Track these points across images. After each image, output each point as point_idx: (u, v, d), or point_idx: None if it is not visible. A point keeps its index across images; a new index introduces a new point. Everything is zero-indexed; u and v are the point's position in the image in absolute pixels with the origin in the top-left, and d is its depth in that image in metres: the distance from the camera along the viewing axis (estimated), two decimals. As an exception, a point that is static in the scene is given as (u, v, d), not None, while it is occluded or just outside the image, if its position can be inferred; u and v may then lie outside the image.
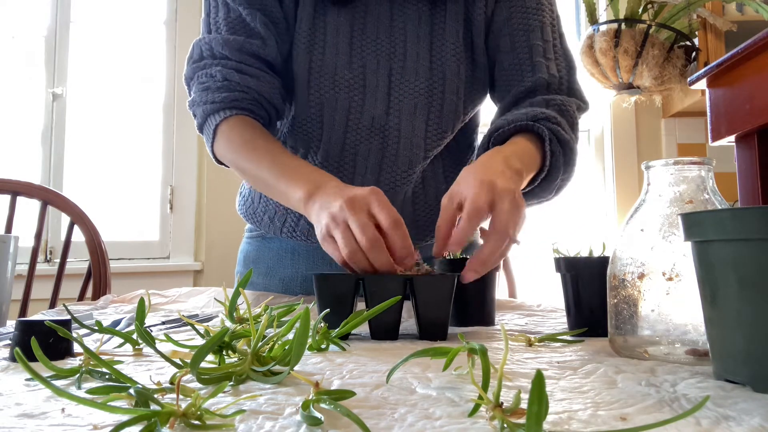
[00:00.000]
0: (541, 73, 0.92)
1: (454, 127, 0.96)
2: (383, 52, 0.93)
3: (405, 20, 0.94)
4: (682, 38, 2.08)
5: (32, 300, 1.29)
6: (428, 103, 0.93)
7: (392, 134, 0.93)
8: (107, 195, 2.31)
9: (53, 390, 0.31)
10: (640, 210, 0.52)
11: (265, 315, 0.53)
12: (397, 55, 0.93)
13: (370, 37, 0.93)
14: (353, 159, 0.95)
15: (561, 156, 0.85)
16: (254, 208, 1.04)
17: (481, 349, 0.34)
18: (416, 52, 0.93)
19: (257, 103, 0.89)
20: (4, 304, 0.76)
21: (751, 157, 1.30)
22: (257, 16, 0.90)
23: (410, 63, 0.93)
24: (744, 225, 0.37)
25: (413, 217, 0.97)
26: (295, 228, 0.98)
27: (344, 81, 0.92)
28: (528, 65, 0.93)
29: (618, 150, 2.50)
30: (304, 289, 1.01)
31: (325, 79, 0.92)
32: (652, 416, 0.33)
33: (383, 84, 0.93)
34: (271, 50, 0.90)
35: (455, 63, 0.93)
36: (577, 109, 0.92)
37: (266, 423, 0.31)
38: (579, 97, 0.95)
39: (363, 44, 0.93)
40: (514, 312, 0.84)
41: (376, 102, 0.93)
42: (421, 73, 0.93)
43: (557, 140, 0.84)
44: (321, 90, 0.92)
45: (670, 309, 0.48)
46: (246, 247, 1.09)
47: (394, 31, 0.93)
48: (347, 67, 0.92)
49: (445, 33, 0.94)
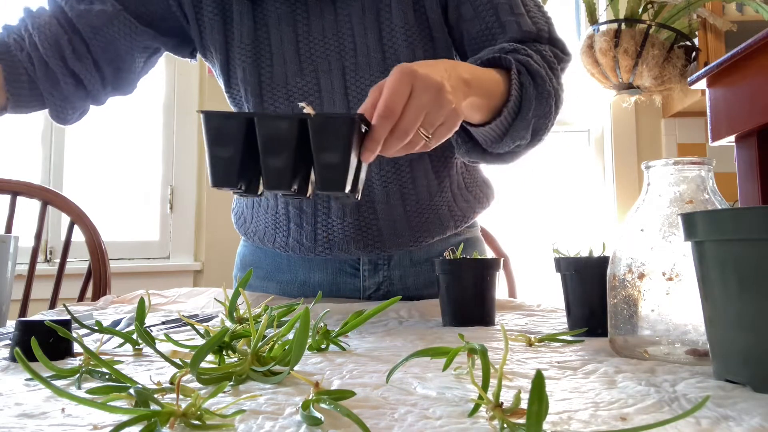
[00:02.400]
0: (512, 32, 0.85)
1: None
2: (332, 51, 0.89)
3: (349, 12, 0.89)
4: (682, 38, 2.08)
5: (32, 300, 1.29)
6: None
7: None
8: (107, 195, 2.31)
9: (53, 390, 0.31)
10: (640, 210, 0.52)
11: (265, 315, 0.53)
12: (347, 52, 0.89)
13: (316, 38, 0.89)
14: None
15: (532, 87, 0.77)
16: (246, 227, 1.03)
17: (481, 349, 0.34)
18: (366, 44, 0.88)
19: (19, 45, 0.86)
20: (4, 304, 0.76)
21: (751, 157, 1.30)
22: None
23: (362, 58, 0.88)
24: (744, 225, 0.37)
25: (405, 217, 0.93)
26: (286, 245, 0.96)
27: (298, 89, 0.89)
28: (497, 26, 0.86)
29: (618, 150, 2.50)
30: (302, 292, 1.00)
31: (277, 90, 0.89)
32: (652, 416, 0.33)
33: (339, 85, 0.89)
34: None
35: (409, 48, 0.88)
36: (554, 56, 0.85)
37: (266, 423, 0.31)
38: (559, 47, 0.88)
39: (311, 47, 0.89)
40: (514, 312, 0.84)
41: (334, 105, 0.89)
42: (375, 66, 0.88)
43: (527, 71, 0.77)
44: (275, 102, 0.89)
45: (670, 309, 0.48)
46: (243, 251, 1.08)
47: (340, 26, 0.89)
48: (299, 74, 0.89)
49: (392, 18, 0.88)
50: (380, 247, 0.93)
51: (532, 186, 2.49)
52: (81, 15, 0.89)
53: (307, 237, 0.94)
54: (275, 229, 0.97)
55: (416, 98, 0.61)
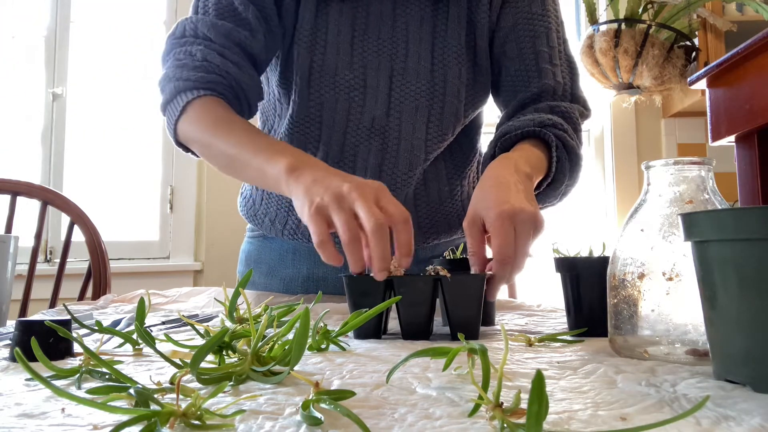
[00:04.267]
0: (548, 79, 0.92)
1: (454, 129, 0.96)
2: (385, 52, 0.93)
3: (407, 21, 0.93)
4: (682, 38, 2.08)
5: (32, 300, 1.29)
6: (429, 105, 0.93)
7: (393, 135, 0.93)
8: (107, 195, 2.31)
9: (53, 390, 0.31)
10: (640, 210, 0.52)
11: (265, 315, 0.53)
12: (398, 56, 0.93)
13: (371, 37, 0.92)
14: (353, 160, 0.94)
15: (567, 162, 0.85)
16: (255, 209, 1.03)
17: (481, 349, 0.34)
18: (418, 53, 0.93)
19: (232, 91, 0.85)
20: (4, 304, 0.76)
21: (751, 157, 1.30)
22: (250, 7, 0.87)
23: (412, 64, 0.93)
24: (744, 225, 0.37)
25: (415, 219, 0.96)
26: (296, 230, 0.98)
27: (345, 81, 0.92)
28: (534, 71, 0.93)
29: (618, 150, 2.50)
30: (305, 288, 1.01)
31: (325, 79, 0.92)
32: (652, 416, 0.33)
33: (384, 85, 0.92)
34: (258, 44, 0.87)
35: (457, 65, 0.93)
36: (580, 116, 0.92)
37: (266, 423, 0.31)
38: (582, 104, 0.95)
39: (364, 44, 0.92)
40: (514, 312, 0.84)
41: (376, 103, 0.92)
42: (423, 74, 0.93)
43: (563, 146, 0.85)
44: (321, 90, 0.92)
45: (670, 309, 0.48)
46: (247, 247, 1.09)
47: (396, 31, 0.93)
48: (348, 68, 0.92)
49: (447, 35, 0.94)
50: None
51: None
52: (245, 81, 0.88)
53: None
54: (288, 212, 0.98)
55: (522, 237, 0.67)
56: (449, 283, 0.60)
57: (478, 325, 0.61)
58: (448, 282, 0.60)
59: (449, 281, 0.60)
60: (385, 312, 0.63)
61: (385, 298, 0.61)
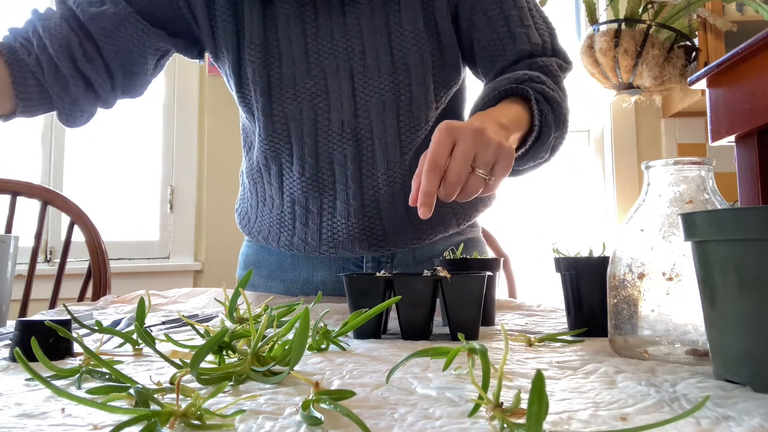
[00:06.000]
0: (522, 43, 0.89)
1: (427, 117, 0.93)
2: (341, 53, 0.90)
3: (358, 15, 0.90)
4: (682, 38, 2.08)
5: (32, 300, 1.29)
6: (396, 98, 0.90)
7: (365, 136, 0.91)
8: (107, 195, 2.31)
9: (53, 390, 0.31)
10: (640, 210, 0.52)
11: (264, 315, 0.53)
12: (356, 54, 0.90)
13: (324, 39, 0.90)
14: (330, 167, 0.92)
15: (550, 114, 0.82)
16: (250, 226, 1.03)
17: (481, 349, 0.34)
18: (375, 48, 0.90)
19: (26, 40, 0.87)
20: (4, 304, 0.76)
21: (751, 157, 1.30)
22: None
23: (371, 60, 0.90)
24: (744, 225, 0.37)
25: (407, 217, 0.94)
26: (290, 244, 0.97)
27: (306, 90, 0.90)
28: (508, 38, 0.90)
29: (618, 150, 2.50)
30: (305, 291, 1.00)
31: (285, 91, 0.90)
32: (652, 416, 0.33)
33: (347, 86, 0.90)
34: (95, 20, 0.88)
35: (418, 52, 0.90)
36: (559, 68, 0.90)
37: (266, 423, 0.31)
38: (562, 57, 0.93)
39: (319, 49, 0.90)
40: (514, 312, 0.84)
41: (342, 106, 0.90)
42: (384, 68, 0.90)
43: (544, 98, 0.82)
44: (284, 103, 0.90)
45: (670, 309, 0.48)
46: (246, 251, 1.09)
47: (349, 28, 0.90)
48: (307, 75, 0.90)
49: (402, 22, 0.90)
50: (384, 246, 0.94)
51: (532, 186, 2.49)
52: (93, 18, 0.88)
53: (312, 236, 0.94)
54: (280, 228, 0.97)
55: (460, 145, 0.65)
56: (449, 283, 0.60)
57: (478, 325, 0.61)
58: (448, 282, 0.60)
59: (449, 281, 0.60)
60: (385, 312, 0.63)
61: (385, 298, 0.61)
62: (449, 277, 0.60)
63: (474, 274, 0.63)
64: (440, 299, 0.62)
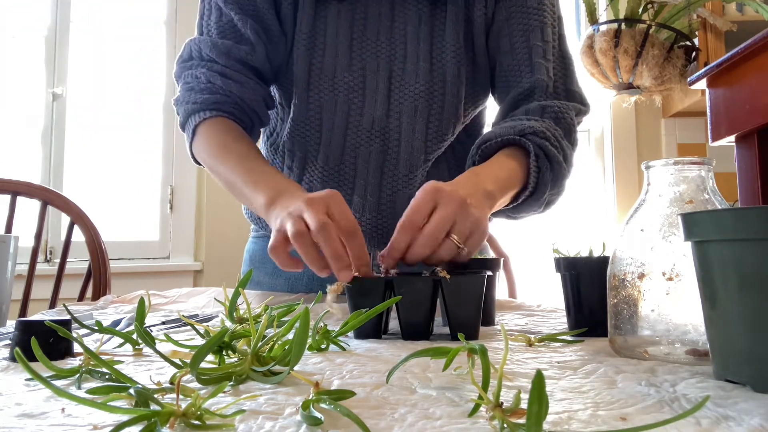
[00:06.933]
0: (540, 74, 0.91)
1: (454, 129, 0.96)
2: (383, 53, 0.93)
3: (405, 21, 0.93)
4: (682, 38, 2.08)
5: (32, 300, 1.29)
6: (428, 105, 0.93)
7: (393, 136, 0.93)
8: (107, 195, 2.31)
9: (53, 390, 0.31)
10: (640, 210, 0.52)
11: (264, 315, 0.53)
12: (397, 57, 0.93)
13: (370, 38, 0.93)
14: (354, 162, 0.94)
15: (548, 172, 0.83)
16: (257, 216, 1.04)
17: (481, 349, 0.34)
18: (416, 54, 0.93)
19: (238, 108, 0.90)
20: (4, 304, 0.76)
21: (751, 157, 1.30)
22: (248, 22, 0.90)
23: (410, 65, 0.93)
24: (744, 225, 0.37)
25: None
26: None
27: (344, 83, 0.92)
28: (527, 66, 0.92)
29: (618, 150, 2.50)
30: (309, 288, 1.01)
31: (324, 82, 0.92)
32: (652, 416, 0.33)
33: (383, 86, 0.93)
34: (259, 57, 0.91)
35: (455, 65, 0.93)
36: (576, 114, 0.91)
37: (266, 423, 0.31)
38: (579, 100, 0.94)
39: (363, 46, 0.93)
40: (514, 312, 0.84)
41: (376, 104, 0.93)
42: (422, 75, 0.93)
43: (545, 155, 0.83)
44: (321, 92, 0.92)
45: (670, 309, 0.48)
46: (252, 247, 1.09)
47: (395, 32, 0.93)
48: (347, 69, 0.92)
49: (445, 34, 0.94)
50: None
51: (532, 186, 2.49)
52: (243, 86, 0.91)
53: None
54: None
55: (440, 210, 0.65)
56: (449, 283, 0.60)
57: (478, 325, 0.61)
58: (448, 282, 0.60)
59: (449, 281, 0.60)
60: (385, 312, 0.63)
61: (385, 298, 0.61)
62: (449, 277, 0.60)
63: (474, 274, 0.63)
64: (440, 299, 0.62)
